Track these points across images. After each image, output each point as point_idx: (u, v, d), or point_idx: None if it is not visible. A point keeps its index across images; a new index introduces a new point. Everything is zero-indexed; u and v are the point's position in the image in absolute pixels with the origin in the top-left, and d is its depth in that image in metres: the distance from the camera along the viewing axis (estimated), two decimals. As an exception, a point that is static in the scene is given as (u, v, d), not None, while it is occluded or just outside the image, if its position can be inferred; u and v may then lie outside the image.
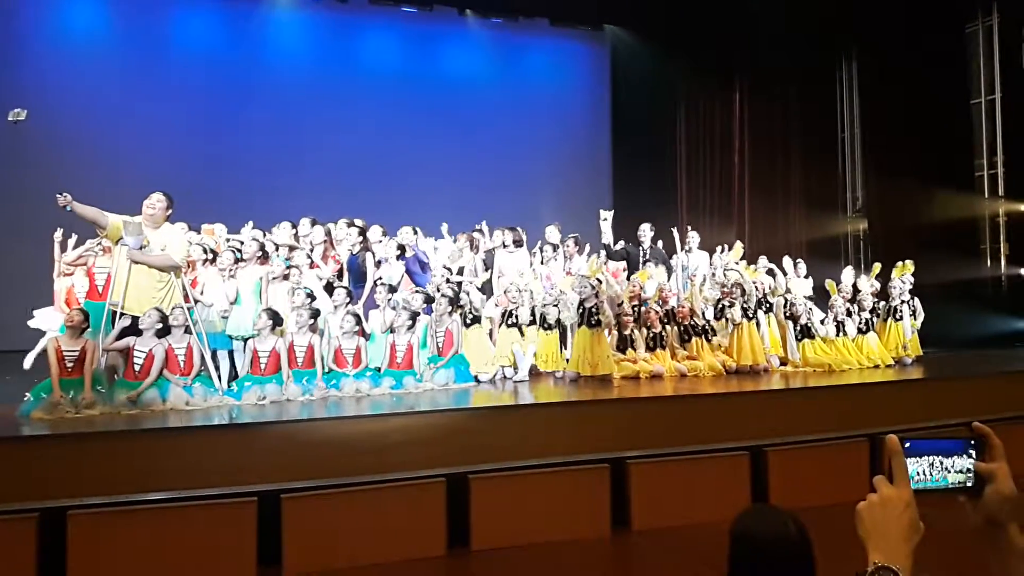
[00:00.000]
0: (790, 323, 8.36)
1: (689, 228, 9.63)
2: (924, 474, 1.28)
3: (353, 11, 12.87)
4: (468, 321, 7.48)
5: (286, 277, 7.11)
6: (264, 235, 7.92)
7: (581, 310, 7.42)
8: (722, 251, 9.34)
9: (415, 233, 8.56)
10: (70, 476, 4.45)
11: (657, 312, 7.90)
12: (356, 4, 12.83)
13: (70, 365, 5.53)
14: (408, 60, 13.31)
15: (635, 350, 7.65)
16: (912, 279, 9.04)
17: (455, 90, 13.32)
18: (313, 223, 8.26)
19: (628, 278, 8.43)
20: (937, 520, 1.31)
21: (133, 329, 5.88)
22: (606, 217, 8.61)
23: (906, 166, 11.77)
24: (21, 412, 5.33)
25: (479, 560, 4.96)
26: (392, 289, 7.43)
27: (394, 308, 7.09)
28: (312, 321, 6.54)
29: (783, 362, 8.28)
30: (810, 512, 2.32)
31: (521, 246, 8.77)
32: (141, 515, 4.44)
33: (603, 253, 8.51)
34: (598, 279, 7.63)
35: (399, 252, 7.92)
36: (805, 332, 8.26)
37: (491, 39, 13.84)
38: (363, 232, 8.01)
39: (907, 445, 1.26)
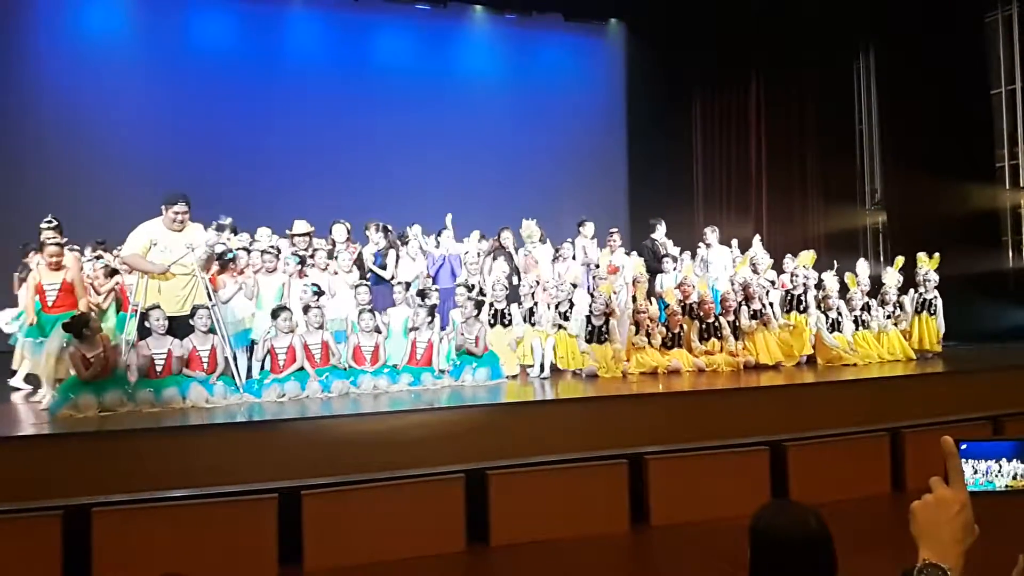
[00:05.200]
0: (822, 316, 8.27)
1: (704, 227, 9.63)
2: (979, 476, 1.27)
3: (367, 10, 12.88)
4: (492, 321, 7.50)
5: (303, 274, 7.20)
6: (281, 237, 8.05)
7: (589, 327, 7.42)
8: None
9: (432, 234, 8.63)
10: (94, 474, 4.50)
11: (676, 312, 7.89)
12: (370, 2, 12.85)
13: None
14: (422, 57, 13.31)
15: (652, 345, 7.64)
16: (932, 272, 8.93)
17: (469, 87, 13.32)
18: (334, 223, 8.36)
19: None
20: (990, 523, 1.29)
21: (169, 330, 5.95)
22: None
23: (925, 157, 11.64)
24: (49, 410, 5.40)
25: (498, 555, 4.97)
26: (408, 286, 7.50)
27: (412, 305, 7.14)
28: (322, 318, 6.59)
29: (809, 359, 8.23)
30: (831, 507, 2.31)
31: (545, 242, 8.82)
32: (163, 512, 4.50)
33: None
34: (614, 292, 7.67)
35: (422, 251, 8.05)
36: (836, 326, 8.20)
37: (505, 35, 13.83)
38: (387, 231, 8.14)
39: (963, 447, 1.26)
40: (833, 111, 13.16)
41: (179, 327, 6.05)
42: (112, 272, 7.29)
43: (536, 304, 7.71)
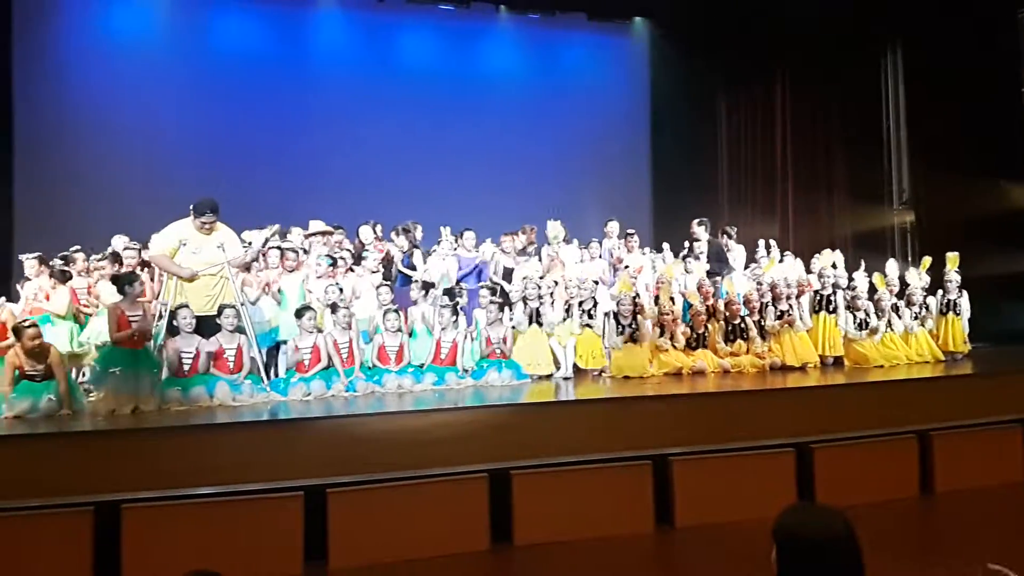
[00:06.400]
0: (849, 316, 8.19)
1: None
2: None
3: (391, 11, 12.92)
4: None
5: (334, 274, 7.27)
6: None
7: (620, 329, 7.40)
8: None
9: (455, 236, 8.68)
10: (124, 471, 4.58)
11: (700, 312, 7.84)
12: (393, 3, 12.89)
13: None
14: (445, 58, 13.32)
15: (676, 346, 7.61)
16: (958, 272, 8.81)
17: (493, 87, 13.31)
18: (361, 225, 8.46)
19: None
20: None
21: (196, 329, 6.04)
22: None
23: (954, 156, 11.48)
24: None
25: (522, 555, 4.98)
26: (431, 287, 7.54)
27: (436, 304, 7.17)
28: (350, 317, 6.64)
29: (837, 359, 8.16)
30: (857, 510, 2.30)
31: (570, 242, 8.82)
32: (191, 509, 4.55)
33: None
34: (636, 293, 7.66)
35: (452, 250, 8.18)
36: (864, 326, 8.13)
37: (528, 35, 13.80)
38: (406, 232, 8.23)
39: None
40: (860, 110, 13.02)
41: (206, 326, 6.13)
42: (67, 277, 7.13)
43: (553, 304, 7.70)
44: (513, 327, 7.35)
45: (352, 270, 7.72)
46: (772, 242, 9.69)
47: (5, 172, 10.47)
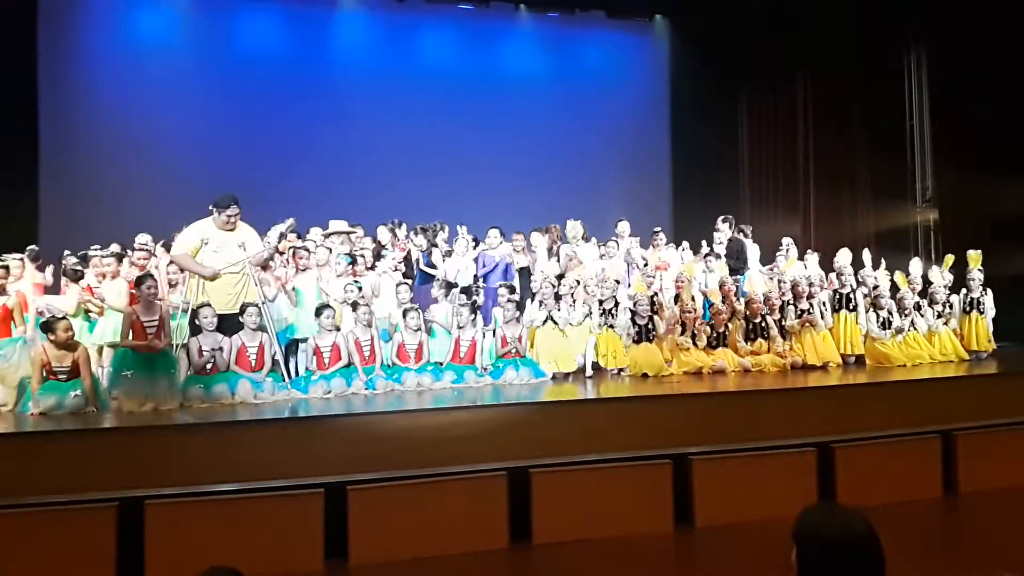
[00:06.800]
0: (872, 315, 8.11)
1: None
2: None
3: (410, 11, 12.97)
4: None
5: (355, 273, 7.30)
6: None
7: (636, 328, 7.39)
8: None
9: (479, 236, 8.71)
10: (147, 467, 4.63)
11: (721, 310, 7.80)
12: (413, 4, 12.93)
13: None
14: (465, 57, 13.35)
15: (696, 345, 7.57)
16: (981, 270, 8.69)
17: (512, 86, 13.32)
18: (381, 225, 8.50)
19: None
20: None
21: (219, 327, 6.09)
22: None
23: (978, 153, 11.32)
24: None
25: (541, 553, 4.98)
26: (451, 285, 7.57)
27: (454, 302, 7.19)
28: (370, 316, 6.67)
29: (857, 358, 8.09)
30: (880, 510, 2.28)
31: (588, 241, 8.81)
32: (213, 506, 4.60)
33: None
34: (655, 293, 7.64)
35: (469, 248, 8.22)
36: (887, 325, 8.05)
37: (547, 34, 13.80)
38: (424, 231, 8.26)
39: None
40: (882, 107, 12.87)
41: (227, 324, 6.18)
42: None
43: (573, 303, 7.68)
44: (529, 324, 7.34)
45: (373, 268, 7.76)
46: (791, 240, 9.62)
47: (31, 173, 10.62)
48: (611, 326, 7.50)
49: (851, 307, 8.15)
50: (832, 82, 12.92)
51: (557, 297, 7.58)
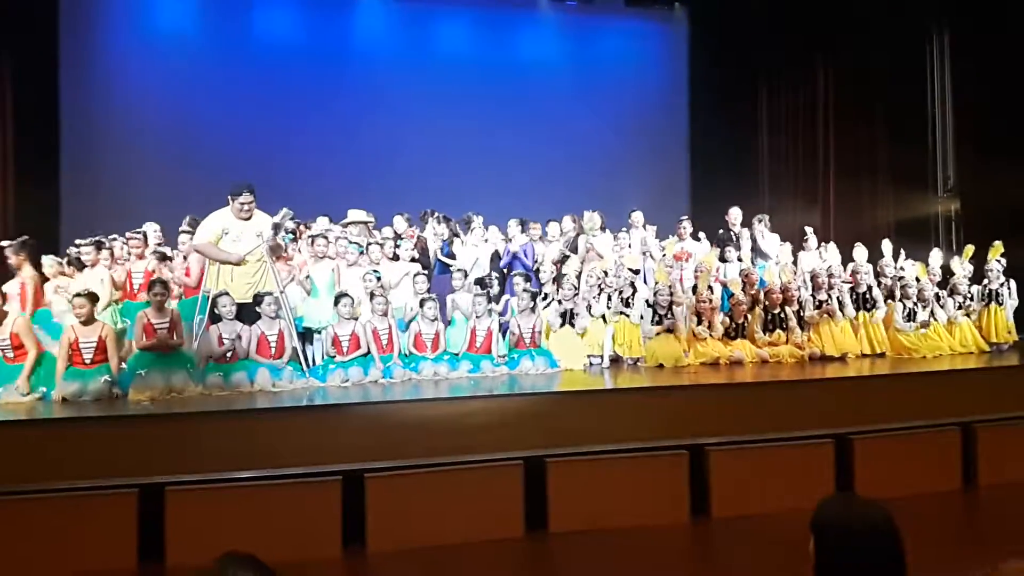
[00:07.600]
0: (899, 306, 8.04)
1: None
2: None
3: (428, 1, 12.96)
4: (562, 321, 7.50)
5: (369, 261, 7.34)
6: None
7: (656, 317, 7.37)
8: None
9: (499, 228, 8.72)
10: (167, 454, 4.69)
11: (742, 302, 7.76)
12: (431, -7, 12.92)
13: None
14: (484, 46, 13.30)
15: (714, 335, 7.55)
16: (1003, 261, 8.57)
17: (531, 75, 13.25)
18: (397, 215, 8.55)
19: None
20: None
21: (239, 315, 6.14)
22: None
23: (1001, 143, 11.16)
24: (119, 383, 5.64)
25: (557, 542, 5.00)
26: (467, 274, 7.58)
27: (471, 292, 7.21)
28: (386, 305, 6.70)
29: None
30: (898, 502, 2.27)
31: (605, 231, 8.80)
32: (232, 492, 4.65)
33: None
34: (674, 281, 7.62)
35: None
36: (911, 317, 7.97)
37: (566, 23, 13.73)
38: (447, 220, 8.29)
39: None
40: (904, 96, 12.71)
41: (246, 312, 6.22)
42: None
43: (598, 297, 7.67)
44: (547, 319, 7.35)
45: (396, 258, 7.77)
46: (809, 230, 9.52)
47: (52, 167, 10.71)
48: (626, 315, 7.50)
49: (868, 306, 8.07)
50: (853, 69, 12.76)
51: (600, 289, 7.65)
